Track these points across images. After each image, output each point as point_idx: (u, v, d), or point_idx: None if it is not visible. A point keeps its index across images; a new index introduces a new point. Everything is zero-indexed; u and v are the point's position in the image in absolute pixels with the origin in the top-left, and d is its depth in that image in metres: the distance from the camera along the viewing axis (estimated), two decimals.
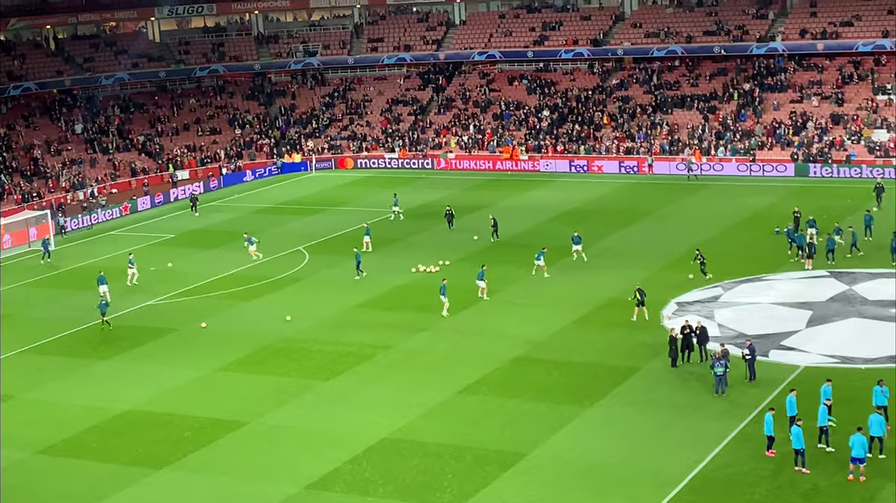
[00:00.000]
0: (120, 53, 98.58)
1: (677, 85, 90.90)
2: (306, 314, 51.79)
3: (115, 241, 70.63)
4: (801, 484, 32.37)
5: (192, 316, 52.64)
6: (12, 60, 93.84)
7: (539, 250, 56.16)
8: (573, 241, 58.29)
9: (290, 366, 45.16)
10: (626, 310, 48.80)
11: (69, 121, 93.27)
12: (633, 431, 37.00)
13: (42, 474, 36.63)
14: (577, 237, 58.40)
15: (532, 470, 34.55)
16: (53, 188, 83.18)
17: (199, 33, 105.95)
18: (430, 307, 51.54)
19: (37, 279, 62.04)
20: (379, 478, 34.51)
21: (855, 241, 55.76)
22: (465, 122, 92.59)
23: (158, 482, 35.37)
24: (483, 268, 53.43)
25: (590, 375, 42.16)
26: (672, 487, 32.62)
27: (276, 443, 37.77)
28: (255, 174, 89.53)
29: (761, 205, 69.08)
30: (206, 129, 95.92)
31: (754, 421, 36.58)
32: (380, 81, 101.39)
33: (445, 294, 50.54)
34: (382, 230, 67.79)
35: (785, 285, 51.76)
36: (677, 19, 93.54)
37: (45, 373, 46.29)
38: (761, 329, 45.60)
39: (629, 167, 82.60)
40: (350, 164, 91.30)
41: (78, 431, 39.77)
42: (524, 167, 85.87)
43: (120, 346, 48.84)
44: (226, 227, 71.23)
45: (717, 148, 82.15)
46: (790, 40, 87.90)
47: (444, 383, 42.02)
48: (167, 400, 42.28)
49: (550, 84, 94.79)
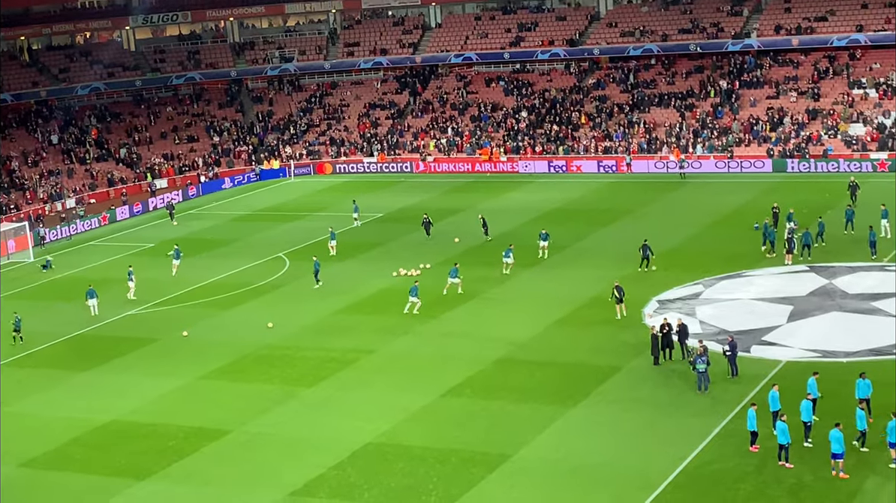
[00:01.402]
0: (95, 63, 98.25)
1: (654, 83, 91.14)
2: (288, 320, 51.67)
3: (95, 251, 70.33)
4: (785, 478, 32.46)
5: (174, 325, 52.45)
6: None
7: (507, 247, 56.54)
8: (541, 238, 58.82)
9: (273, 374, 45.04)
10: (607, 309, 48.87)
11: (45, 132, 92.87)
12: (617, 430, 37.04)
13: (25, 487, 36.39)
14: (544, 234, 59.07)
15: (517, 471, 34.55)
16: (31, 200, 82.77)
17: (175, 41, 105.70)
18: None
19: (16, 292, 61.68)
20: (364, 483, 34.45)
21: (821, 232, 56.10)
22: (443, 125, 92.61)
23: (142, 493, 35.21)
24: (456, 265, 54.02)
25: (573, 375, 42.19)
26: (657, 485, 32.67)
27: (260, 450, 37.65)
28: (233, 181, 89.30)
29: (740, 201, 69.32)
30: (183, 138, 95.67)
31: (737, 417, 36.68)
32: (357, 86, 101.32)
33: (417, 295, 50.75)
34: (363, 234, 67.76)
35: (765, 281, 51.94)
36: (653, 18, 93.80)
37: (25, 385, 46.02)
38: (742, 325, 45.74)
39: (608, 166, 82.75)
40: (329, 170, 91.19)
41: (61, 443, 39.56)
42: (503, 168, 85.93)
43: (102, 357, 48.60)
44: (205, 234, 71.00)
45: (695, 145, 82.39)
46: (765, 36, 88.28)
47: (428, 386, 41.99)
48: (150, 410, 42.10)
49: (527, 85, 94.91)
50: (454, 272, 53.73)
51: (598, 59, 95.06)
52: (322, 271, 57.48)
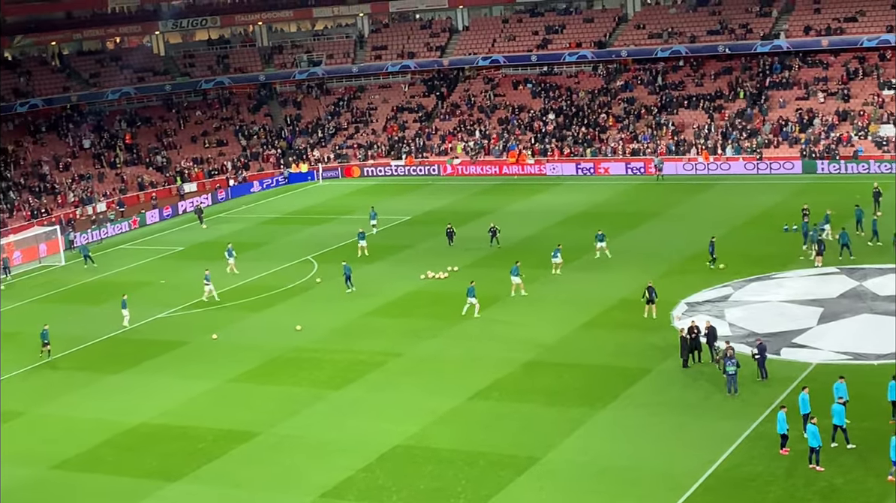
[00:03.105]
0: (125, 68, 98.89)
1: (682, 85, 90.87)
2: (316, 323, 51.84)
3: (125, 254, 70.80)
4: (816, 482, 32.27)
5: (204, 328, 52.72)
6: (18, 77, 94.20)
7: (555, 248, 56.41)
8: (597, 239, 58.77)
9: (302, 376, 45.20)
10: (636, 311, 48.76)
11: (77, 136, 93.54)
12: (645, 433, 36.94)
13: (57, 489, 36.69)
14: (601, 234, 59.00)
15: (545, 474, 34.52)
16: (62, 204, 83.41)
17: (204, 46, 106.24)
18: (440, 314, 51.58)
19: (48, 295, 62.20)
20: (393, 486, 34.51)
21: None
22: (470, 128, 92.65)
23: (173, 495, 35.42)
24: (517, 263, 53.68)
25: (601, 378, 42.13)
26: (685, 488, 32.55)
27: (289, 453, 37.79)
28: (262, 185, 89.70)
29: (769, 203, 69.00)
30: (212, 142, 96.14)
31: (767, 420, 36.50)
32: (384, 89, 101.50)
33: (474, 295, 50.57)
34: (391, 237, 67.91)
35: (795, 283, 51.67)
36: (681, 19, 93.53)
37: (58, 387, 46.40)
38: (772, 327, 45.52)
39: (636, 168, 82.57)
40: (357, 173, 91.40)
41: (92, 445, 39.85)
42: (530, 171, 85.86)
43: (132, 360, 48.92)
44: (234, 238, 71.30)
45: (724, 147, 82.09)
46: (794, 37, 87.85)
47: (456, 389, 42.02)
48: (180, 412, 42.35)
49: (555, 87, 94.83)
50: (515, 270, 53.37)
51: (625, 61, 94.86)
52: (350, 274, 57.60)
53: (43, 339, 49.89)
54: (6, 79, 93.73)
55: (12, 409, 44.11)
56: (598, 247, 58.84)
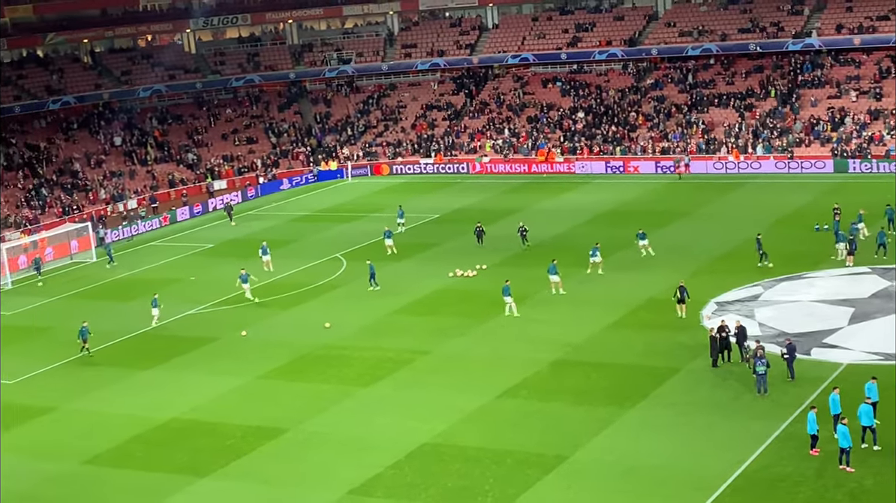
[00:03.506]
0: (156, 65, 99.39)
1: (713, 83, 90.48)
2: (345, 321, 51.98)
3: (155, 251, 71.21)
4: (846, 483, 32.10)
5: (233, 324, 52.98)
6: (50, 75, 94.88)
7: (593, 246, 56.31)
8: (638, 238, 58.70)
9: (330, 373, 45.35)
10: (664, 311, 48.62)
11: (108, 133, 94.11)
12: (674, 432, 36.85)
13: (87, 484, 36.99)
14: (641, 233, 58.90)
15: (573, 473, 34.50)
16: (94, 200, 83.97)
17: (234, 44, 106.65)
18: (469, 312, 51.62)
19: (79, 291, 62.66)
20: (421, 483, 34.58)
21: None
22: (499, 126, 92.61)
23: (202, 490, 35.64)
24: (554, 261, 53.56)
25: (629, 377, 42.03)
26: (714, 488, 32.45)
27: (317, 449, 37.94)
28: (291, 182, 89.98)
29: (800, 202, 68.63)
30: (242, 139, 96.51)
31: (797, 420, 36.34)
32: (414, 87, 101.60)
33: (510, 294, 50.51)
34: (419, 235, 68.01)
35: (826, 282, 51.38)
36: (711, 18, 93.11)
37: (89, 383, 46.74)
38: (803, 327, 45.30)
39: (665, 167, 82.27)
40: (386, 171, 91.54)
41: (122, 441, 40.14)
42: (559, 169, 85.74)
43: (163, 356, 49.22)
44: (263, 235, 71.54)
45: (755, 146, 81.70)
46: (826, 36, 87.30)
47: (484, 387, 42.04)
48: (210, 408, 42.58)
49: (584, 85, 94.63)
50: (553, 269, 53.30)
51: (655, 59, 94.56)
52: (379, 271, 57.73)
53: (82, 336, 50.05)
54: (39, 76, 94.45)
55: (44, 404, 44.49)
56: (640, 245, 58.70)
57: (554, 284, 53.14)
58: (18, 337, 54.61)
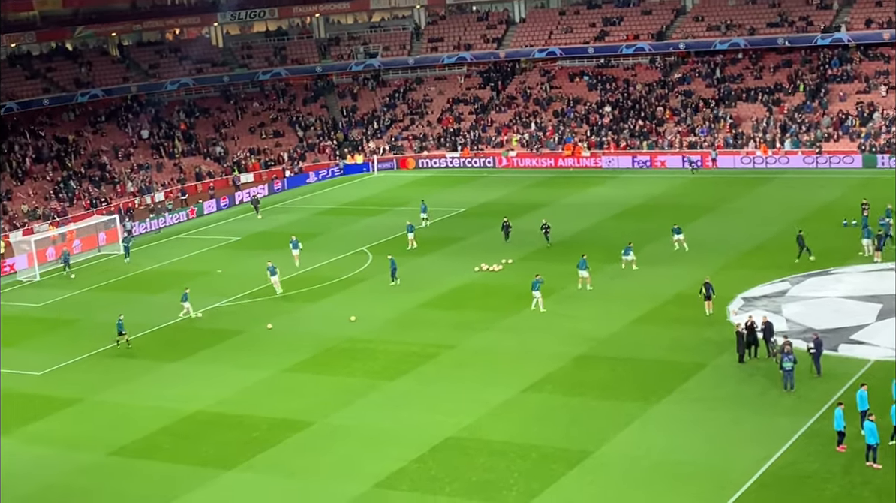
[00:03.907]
0: (184, 59, 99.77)
1: (741, 78, 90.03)
2: (371, 314, 52.04)
3: (182, 244, 71.51)
4: (873, 479, 31.91)
5: (259, 317, 53.14)
6: (79, 68, 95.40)
7: (626, 245, 56.13)
8: (674, 232, 58.59)
9: (356, 367, 45.42)
10: (691, 306, 48.44)
11: (135, 126, 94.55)
12: (700, 428, 36.72)
13: (114, 475, 37.19)
14: (677, 228, 58.75)
15: (598, 468, 34.44)
16: (121, 193, 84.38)
17: (262, 37, 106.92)
18: (494, 306, 51.60)
19: (106, 283, 63.00)
20: (445, 477, 34.60)
21: None
22: (525, 120, 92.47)
23: (228, 483, 35.76)
24: (584, 257, 53.46)
25: (655, 372, 41.90)
26: (740, 485, 32.32)
27: (342, 442, 38.02)
28: (317, 176, 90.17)
29: (828, 197, 68.25)
30: (269, 132, 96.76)
31: (823, 416, 36.14)
32: (440, 81, 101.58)
33: (539, 289, 50.41)
34: (445, 229, 68.02)
35: (853, 278, 51.08)
36: (739, 12, 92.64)
37: (115, 375, 46.98)
38: (830, 323, 45.05)
39: (693, 162, 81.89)
40: (412, 165, 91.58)
41: (149, 432, 40.33)
42: (586, 164, 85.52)
43: (189, 348, 49.43)
44: (290, 228, 71.72)
45: (783, 141, 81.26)
46: (856, 30, 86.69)
47: (509, 381, 42.01)
48: (236, 401, 42.73)
49: (612, 80, 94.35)
50: (583, 264, 53.13)
51: (683, 53, 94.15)
52: (403, 265, 57.78)
53: (119, 329, 50.14)
54: (67, 69, 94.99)
55: (71, 396, 44.76)
56: (675, 239, 58.55)
57: (582, 279, 53.01)
58: (46, 329, 54.98)
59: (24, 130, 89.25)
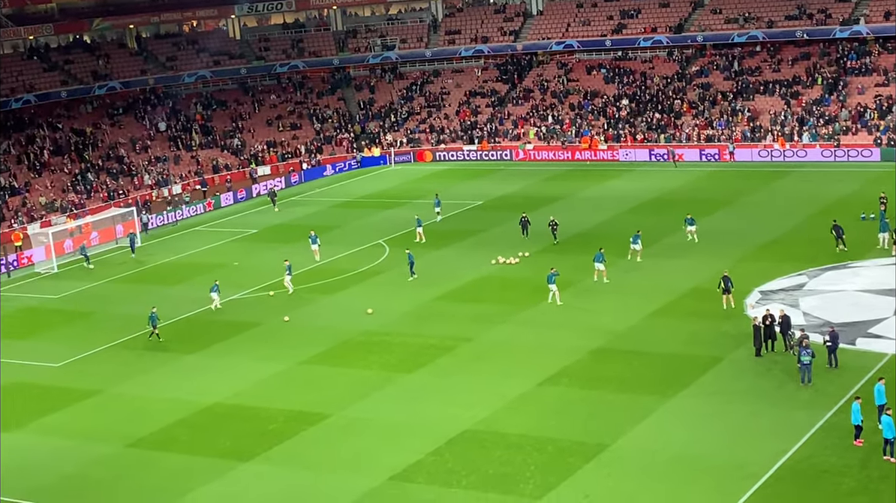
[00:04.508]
0: (201, 51, 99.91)
1: (759, 71, 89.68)
2: (387, 307, 52.09)
3: (199, 236, 71.68)
4: (890, 474, 31.82)
5: (275, 310, 53.24)
6: (97, 60, 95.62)
7: (634, 233, 56.10)
8: (687, 223, 58.69)
9: (372, 359, 45.48)
10: (708, 300, 48.34)
11: (153, 119, 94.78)
12: (716, 422, 36.67)
13: (132, 467, 37.35)
14: (690, 219, 58.82)
15: (615, 461, 34.44)
16: (139, 185, 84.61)
17: (279, 30, 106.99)
18: (511, 299, 51.59)
19: (124, 275, 63.21)
20: (462, 470, 34.64)
21: None
22: (543, 113, 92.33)
23: (245, 475, 35.88)
24: (601, 250, 53.52)
25: (672, 366, 41.85)
26: (757, 478, 32.29)
27: (358, 435, 38.09)
28: (334, 168, 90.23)
29: (846, 191, 67.97)
30: (286, 125, 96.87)
31: (841, 410, 36.06)
32: (457, 74, 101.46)
33: (555, 282, 50.43)
34: (462, 222, 68.03)
35: (871, 272, 50.88)
36: (758, 4, 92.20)
37: (133, 367, 47.17)
38: (847, 317, 44.90)
39: (710, 155, 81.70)
40: (429, 157, 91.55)
41: (166, 424, 40.49)
42: (603, 157, 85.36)
43: (205, 341, 49.57)
44: (307, 221, 71.86)
45: (801, 134, 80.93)
46: (874, 23, 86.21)
47: (525, 375, 42.02)
48: (252, 393, 42.85)
49: (629, 72, 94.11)
50: (599, 257, 53.13)
51: (701, 46, 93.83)
52: (420, 258, 57.76)
53: (152, 322, 50.00)
54: (85, 61, 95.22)
55: (89, 388, 44.96)
56: (688, 230, 58.60)
57: (598, 272, 52.96)
58: (64, 320, 55.21)
59: (42, 123, 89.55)
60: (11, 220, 75.15)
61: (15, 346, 51.25)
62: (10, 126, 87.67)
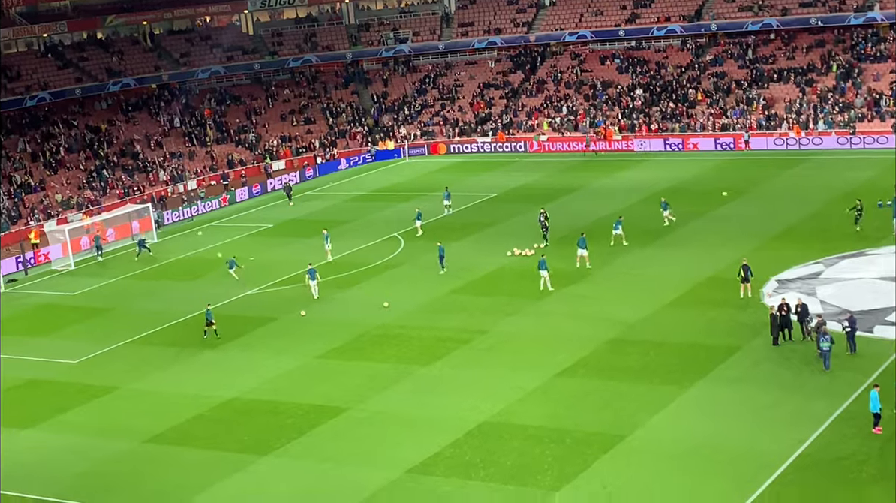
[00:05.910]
0: (215, 47, 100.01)
1: (773, 58, 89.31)
2: (403, 300, 52.11)
3: (215, 232, 71.81)
4: None
5: (292, 304, 53.32)
6: (111, 56, 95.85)
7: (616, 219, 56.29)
8: (662, 207, 59.49)
9: (389, 353, 45.52)
10: (723, 288, 48.22)
11: (167, 115, 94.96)
12: (734, 411, 36.59)
13: (150, 463, 37.48)
14: (664, 203, 59.88)
15: (632, 451, 34.40)
16: (154, 181, 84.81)
17: (292, 24, 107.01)
18: (526, 291, 51.53)
19: (140, 271, 63.37)
20: (480, 462, 34.65)
21: None
22: (557, 104, 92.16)
23: (264, 469, 35.97)
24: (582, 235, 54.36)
25: (689, 355, 41.76)
26: (776, 467, 32.21)
27: (377, 428, 38.14)
28: (349, 162, 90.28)
29: (862, 178, 67.66)
30: (300, 119, 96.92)
31: (859, 398, 35.93)
32: (471, 66, 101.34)
33: (546, 268, 50.56)
34: (477, 214, 67.99)
35: (887, 259, 50.63)
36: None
37: (150, 363, 47.31)
38: (864, 305, 44.72)
39: (725, 144, 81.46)
40: (443, 150, 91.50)
41: (184, 420, 40.60)
42: (617, 147, 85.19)
43: (223, 336, 49.64)
44: (322, 215, 71.91)
45: (816, 121, 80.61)
46: (889, 9, 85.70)
47: (542, 366, 42.00)
48: (270, 388, 42.94)
49: (643, 62, 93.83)
50: (582, 242, 53.39)
51: (714, 35, 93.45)
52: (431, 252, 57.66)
53: (209, 319, 49.43)
54: (99, 58, 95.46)
55: (106, 384, 45.12)
56: (664, 215, 59.68)
57: (580, 258, 53.58)
58: (81, 317, 55.40)
59: (57, 120, 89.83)
60: (28, 217, 75.46)
61: (33, 343, 51.47)
62: (25, 124, 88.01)
